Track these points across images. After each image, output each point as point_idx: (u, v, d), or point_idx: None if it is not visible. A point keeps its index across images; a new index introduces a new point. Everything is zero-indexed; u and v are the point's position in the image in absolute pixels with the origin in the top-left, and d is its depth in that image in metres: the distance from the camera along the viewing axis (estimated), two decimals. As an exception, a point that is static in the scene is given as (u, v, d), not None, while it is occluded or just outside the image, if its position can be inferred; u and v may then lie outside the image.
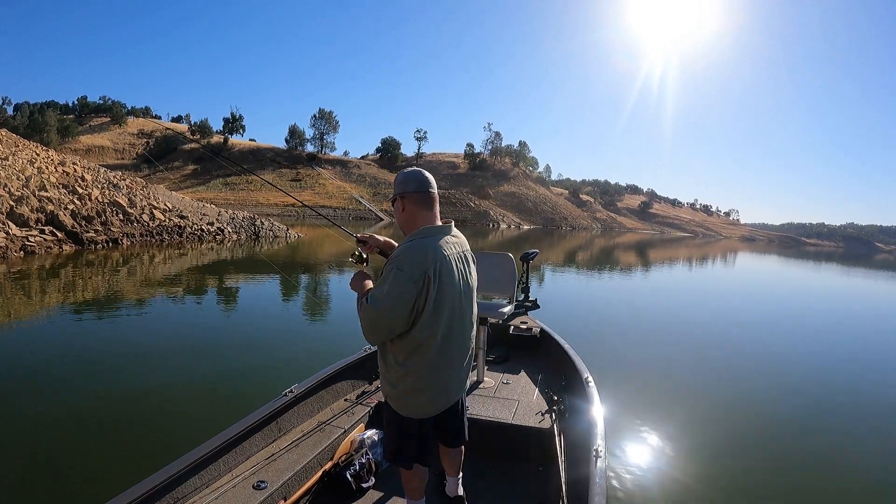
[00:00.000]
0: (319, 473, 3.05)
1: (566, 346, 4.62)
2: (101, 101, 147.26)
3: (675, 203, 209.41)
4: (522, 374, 4.61)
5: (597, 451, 2.71)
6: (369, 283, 2.30)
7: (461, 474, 2.85)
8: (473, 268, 2.41)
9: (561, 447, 3.21)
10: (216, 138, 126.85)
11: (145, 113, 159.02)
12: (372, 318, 2.13)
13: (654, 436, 5.06)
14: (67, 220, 17.57)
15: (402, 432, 2.38)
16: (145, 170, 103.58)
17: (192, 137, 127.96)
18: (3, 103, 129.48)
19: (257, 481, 2.76)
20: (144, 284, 12.23)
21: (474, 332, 2.46)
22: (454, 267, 2.22)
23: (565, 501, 2.71)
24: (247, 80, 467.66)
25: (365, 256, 2.53)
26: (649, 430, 5.17)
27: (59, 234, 16.71)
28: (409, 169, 2.36)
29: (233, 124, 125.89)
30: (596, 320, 11.26)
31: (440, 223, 2.30)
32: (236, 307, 11.07)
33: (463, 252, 2.33)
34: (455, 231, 2.36)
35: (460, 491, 2.85)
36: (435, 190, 2.34)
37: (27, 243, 15.08)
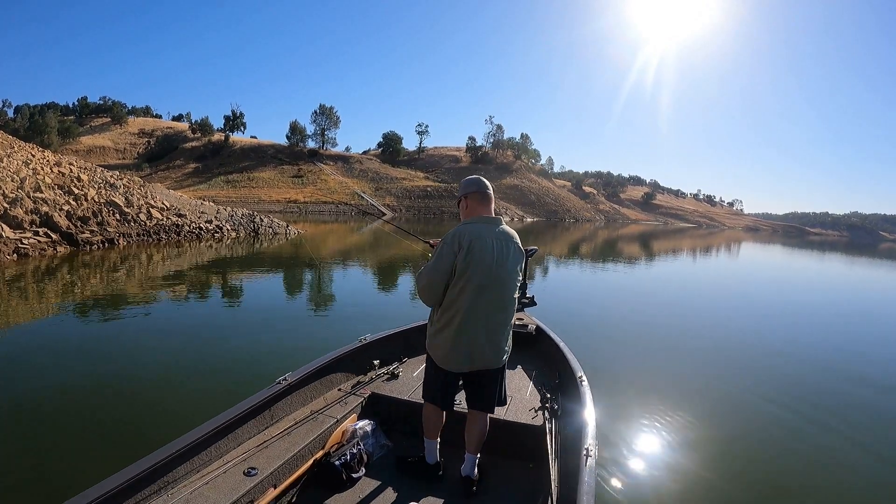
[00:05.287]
0: (310, 462, 3.07)
1: (561, 345, 4.61)
2: (102, 102, 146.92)
3: (678, 194, 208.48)
4: (517, 370, 4.61)
5: (588, 449, 2.73)
6: None
7: (479, 456, 3.07)
8: (515, 254, 2.86)
9: (552, 445, 3.21)
10: (217, 136, 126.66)
11: (146, 112, 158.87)
12: (424, 282, 2.79)
13: (645, 435, 5.11)
14: (62, 221, 17.40)
15: (433, 377, 2.97)
16: (146, 169, 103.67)
17: (193, 136, 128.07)
18: (3, 106, 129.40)
19: (248, 468, 2.78)
20: (141, 282, 12.13)
21: (510, 310, 2.90)
22: (489, 246, 2.74)
23: (555, 498, 2.74)
24: (247, 77, 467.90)
25: None
26: (641, 430, 5.21)
27: (53, 236, 16.52)
28: (472, 176, 3.02)
29: (234, 122, 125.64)
30: (592, 318, 11.06)
31: (490, 216, 2.89)
32: (234, 299, 11.04)
33: (505, 240, 2.83)
34: (503, 225, 2.87)
35: (474, 474, 3.04)
36: (490, 192, 2.98)
37: (20, 245, 14.90)
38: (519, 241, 2.93)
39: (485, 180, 2.99)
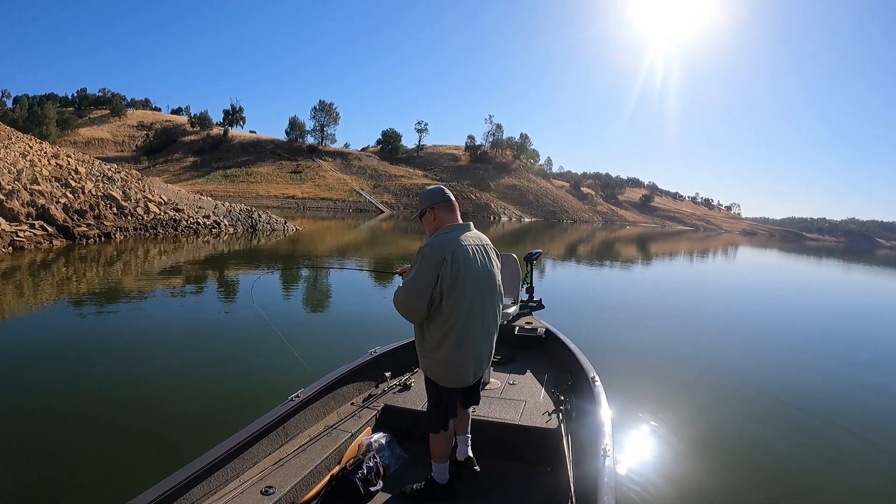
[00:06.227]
0: (327, 478, 3.04)
1: (572, 346, 4.64)
2: (101, 94, 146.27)
3: (676, 196, 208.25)
4: (528, 374, 4.62)
5: (605, 450, 2.73)
6: None
7: (469, 435, 3.21)
8: (494, 257, 2.92)
9: (568, 447, 3.18)
10: (216, 130, 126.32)
11: (145, 105, 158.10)
12: (402, 298, 2.72)
13: (662, 435, 5.06)
14: (59, 215, 17.25)
15: (439, 400, 2.87)
16: (144, 162, 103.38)
17: (192, 129, 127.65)
18: (2, 96, 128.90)
19: (265, 487, 2.76)
20: (139, 283, 11.93)
21: (498, 314, 2.95)
22: (472, 254, 2.73)
23: (574, 501, 2.70)
24: (247, 72, 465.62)
25: None
26: (657, 429, 5.16)
27: (49, 229, 16.38)
28: (433, 186, 3.02)
29: (233, 116, 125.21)
30: (601, 319, 11.01)
31: (461, 223, 2.88)
32: (239, 308, 10.71)
33: (482, 244, 2.86)
34: (474, 229, 2.90)
35: (470, 451, 3.17)
36: (454, 199, 2.95)
37: (16, 238, 14.77)
38: (490, 243, 2.99)
39: (447, 189, 2.98)
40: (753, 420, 5.70)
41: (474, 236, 2.85)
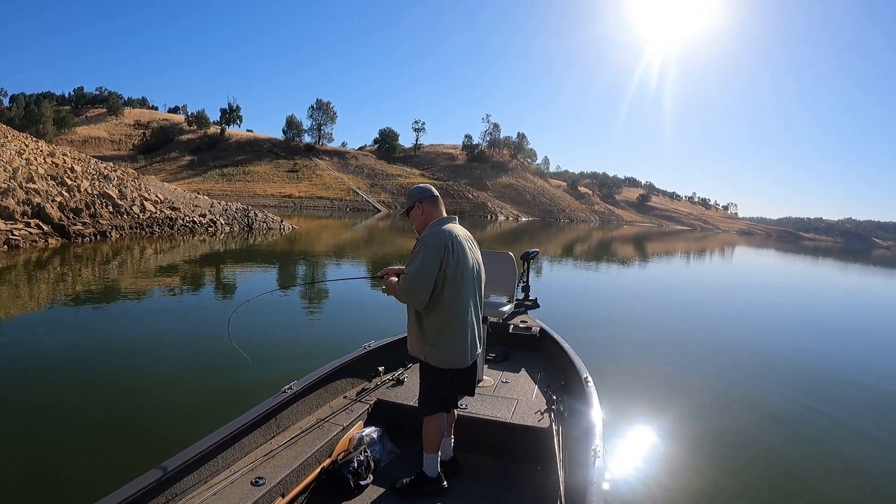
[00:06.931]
0: (318, 471, 3.05)
1: (566, 346, 4.65)
2: (98, 92, 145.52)
3: (673, 196, 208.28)
4: (522, 373, 4.64)
5: (595, 450, 2.74)
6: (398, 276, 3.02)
7: (453, 437, 3.30)
8: (476, 247, 3.15)
9: (560, 446, 3.21)
10: (213, 129, 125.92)
11: (142, 104, 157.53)
12: (408, 285, 2.83)
13: (652, 435, 5.09)
14: (55, 213, 17.19)
15: (439, 384, 2.96)
16: (141, 161, 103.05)
17: (189, 128, 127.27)
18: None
19: (256, 478, 2.77)
20: (135, 279, 11.94)
21: (482, 298, 3.12)
22: (464, 244, 2.97)
23: (563, 500, 2.72)
24: (245, 71, 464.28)
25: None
26: (648, 430, 5.19)
27: (44, 228, 16.32)
28: (420, 185, 3.29)
29: (230, 115, 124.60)
30: (596, 319, 11.04)
31: (447, 216, 3.08)
32: (233, 302, 10.73)
33: (467, 235, 3.09)
34: (458, 223, 3.11)
35: (451, 451, 3.28)
36: (439, 196, 3.19)
37: (11, 237, 14.72)
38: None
39: (432, 187, 3.22)
40: (745, 421, 5.72)
41: (460, 228, 3.06)
